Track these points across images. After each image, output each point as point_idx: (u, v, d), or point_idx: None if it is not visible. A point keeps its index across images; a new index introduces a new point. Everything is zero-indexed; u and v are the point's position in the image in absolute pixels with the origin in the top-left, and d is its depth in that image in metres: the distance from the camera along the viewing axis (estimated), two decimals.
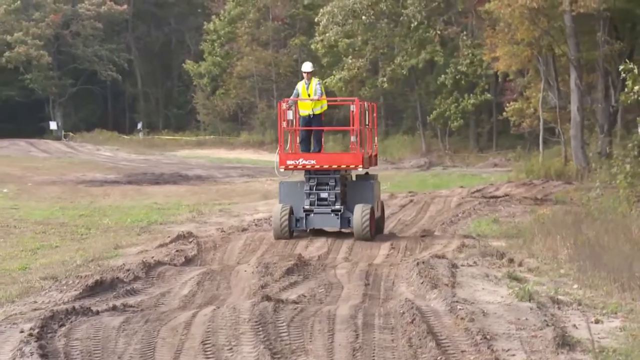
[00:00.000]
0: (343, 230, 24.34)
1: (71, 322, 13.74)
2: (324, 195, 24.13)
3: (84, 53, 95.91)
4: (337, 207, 24.03)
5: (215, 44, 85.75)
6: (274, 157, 24.85)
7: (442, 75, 65.44)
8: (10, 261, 21.96)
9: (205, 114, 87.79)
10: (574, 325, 14.31)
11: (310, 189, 24.17)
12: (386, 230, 28.39)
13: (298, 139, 24.84)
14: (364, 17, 58.60)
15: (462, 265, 19.96)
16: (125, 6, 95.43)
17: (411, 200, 34.05)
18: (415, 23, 59.11)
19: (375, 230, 24.34)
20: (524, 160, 55.56)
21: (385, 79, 64.17)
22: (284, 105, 24.61)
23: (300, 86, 24.79)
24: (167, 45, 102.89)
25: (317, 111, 24.70)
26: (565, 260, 20.46)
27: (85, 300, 16.16)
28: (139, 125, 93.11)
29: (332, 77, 66.72)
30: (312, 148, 24.66)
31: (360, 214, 23.45)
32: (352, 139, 24.57)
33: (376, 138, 26.91)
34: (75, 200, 40.92)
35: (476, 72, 64.26)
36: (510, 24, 46.31)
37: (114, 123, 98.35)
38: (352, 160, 24.25)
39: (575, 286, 18.01)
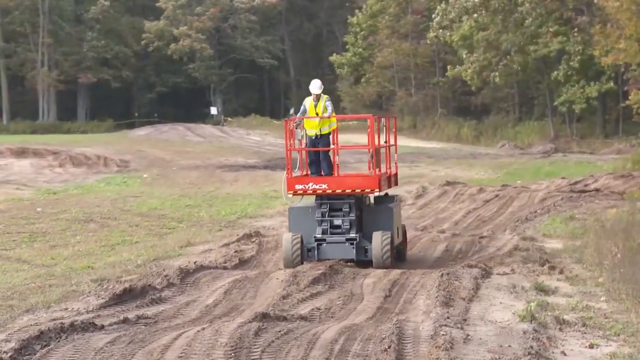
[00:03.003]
0: (359, 260, 20.00)
1: (58, 341, 12.99)
2: (337, 222, 20.06)
3: (242, 44, 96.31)
4: (352, 235, 19.93)
5: (358, 36, 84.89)
6: (409, 142, 21.92)
7: (559, 67, 62.73)
8: (82, 258, 21.52)
9: (348, 101, 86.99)
10: (563, 353, 12.89)
11: (323, 215, 20.12)
12: (462, 225, 27.06)
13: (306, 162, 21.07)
14: (475, 15, 56.59)
15: (497, 274, 18.55)
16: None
17: (497, 195, 32.29)
18: (530, 19, 56.73)
19: (397, 256, 20.61)
20: None
21: (497, 74, 61.72)
22: (291, 124, 20.57)
23: (308, 103, 20.59)
24: (318, 37, 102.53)
25: (325, 131, 20.52)
26: (609, 267, 18.81)
27: (105, 311, 15.52)
28: (291, 111, 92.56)
29: (466, 67, 65.08)
30: (322, 171, 20.61)
31: (379, 242, 19.64)
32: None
33: (396, 155, 22.24)
34: (203, 186, 40.67)
35: (591, 66, 61.44)
36: (618, 19, 43.79)
37: (271, 109, 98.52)
38: (367, 183, 20.10)
39: (603, 298, 16.54)
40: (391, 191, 21.69)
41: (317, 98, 20.43)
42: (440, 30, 58.56)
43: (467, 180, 42.79)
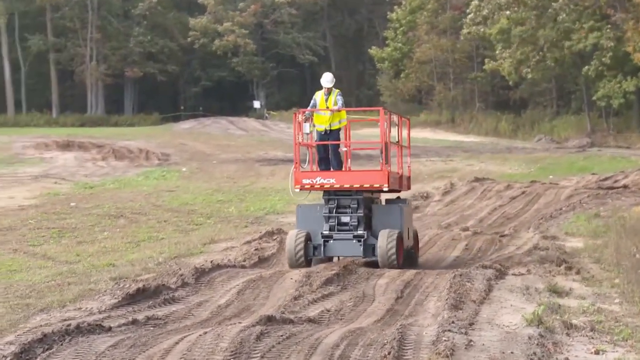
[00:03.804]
0: (367, 259, 19.23)
1: (61, 344, 12.71)
2: (344, 219, 19.13)
3: (284, 40, 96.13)
4: (360, 232, 19.04)
5: (398, 32, 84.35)
6: (447, 136, 21.10)
7: (592, 63, 61.76)
8: (105, 255, 21.33)
9: (388, 95, 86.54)
10: (567, 359, 12.42)
11: (330, 212, 19.23)
12: (487, 222, 26.59)
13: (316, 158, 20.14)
14: (508, 12, 55.82)
15: (513, 274, 18.08)
16: None
17: (523, 192, 31.75)
18: (564, 15, 55.85)
19: (408, 261, 19.73)
20: None
21: (529, 70, 60.88)
22: (300, 117, 19.48)
23: (319, 97, 19.65)
24: (360, 32, 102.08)
25: (335, 126, 19.54)
26: (627, 268, 18.30)
27: (117, 311, 15.23)
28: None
29: (499, 62, 64.39)
30: (332, 168, 19.73)
31: (385, 239, 18.67)
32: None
33: (409, 158, 21.34)
34: (239, 180, 40.49)
35: (627, 61, 60.46)
36: None
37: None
38: (376, 178, 19.07)
39: (617, 300, 16.04)
40: (404, 194, 21.27)
41: (328, 92, 19.56)
42: (474, 27, 57.78)
43: (500, 174, 42.28)
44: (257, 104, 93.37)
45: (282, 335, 12.92)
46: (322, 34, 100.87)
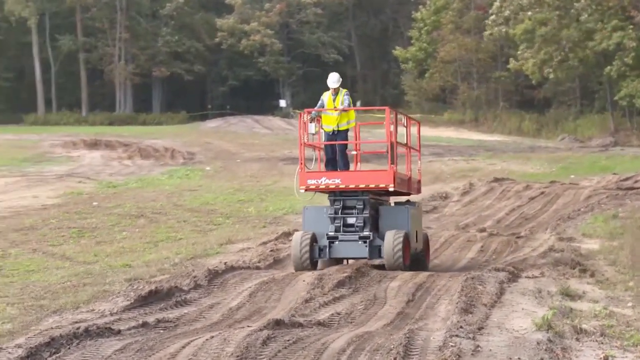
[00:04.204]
0: (373, 261, 18.76)
1: (69, 348, 12.59)
2: (350, 220, 18.66)
3: (309, 39, 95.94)
4: (366, 233, 18.56)
5: (422, 31, 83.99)
6: (471, 135, 20.52)
7: (614, 63, 61.17)
8: (123, 256, 21.24)
9: (412, 95, 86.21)
10: None
11: (335, 212, 18.77)
12: (505, 223, 26.31)
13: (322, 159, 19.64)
14: (529, 13, 55.39)
15: (526, 277, 17.82)
16: None
17: (542, 192, 31.42)
18: (586, 15, 55.35)
19: (417, 265, 19.16)
20: None
21: (551, 70, 60.39)
22: (306, 117, 19.05)
23: (327, 97, 19.22)
24: (385, 32, 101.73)
25: (343, 127, 19.05)
26: None
27: (129, 313, 15.11)
28: (358, 104, 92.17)
29: (521, 62, 63.95)
30: (339, 169, 19.21)
31: (391, 240, 18.16)
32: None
33: (420, 162, 20.85)
34: (262, 179, 40.35)
35: None
36: None
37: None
38: (382, 178, 18.53)
39: (630, 304, 15.79)
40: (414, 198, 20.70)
41: (336, 92, 19.13)
42: (496, 28, 57.40)
43: (522, 174, 41.96)
44: (282, 103, 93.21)
45: (288, 340, 12.75)
46: (347, 33, 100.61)
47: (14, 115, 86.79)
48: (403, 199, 20.20)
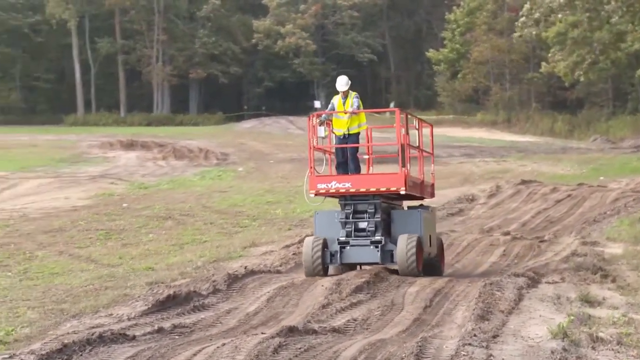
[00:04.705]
0: (385, 265, 18.26)
1: (81, 354, 12.42)
2: (362, 224, 18.09)
3: (344, 41, 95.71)
4: (377, 238, 17.96)
5: (455, 33, 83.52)
6: (503, 136, 19.81)
7: None
8: (147, 259, 21.12)
9: (445, 96, 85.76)
10: None
11: (346, 217, 18.22)
12: (530, 226, 25.92)
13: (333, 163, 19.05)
14: (559, 15, 54.77)
15: (546, 282, 17.47)
16: None
17: (569, 195, 30.93)
18: (616, 17, 54.65)
19: (431, 271, 18.66)
20: None
21: (582, 73, 59.72)
22: (315, 120, 18.67)
23: (337, 100, 18.91)
24: (418, 33, 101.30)
25: (353, 130, 18.65)
26: None
27: (147, 318, 14.93)
28: (391, 105, 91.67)
29: (554, 64, 63.37)
30: (349, 173, 18.71)
31: (404, 244, 17.57)
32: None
33: (433, 165, 20.42)
34: (293, 180, 40.10)
35: None
36: None
37: (372, 103, 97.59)
38: (393, 181, 17.96)
39: None
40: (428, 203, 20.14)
41: (345, 95, 18.80)
42: (526, 30, 56.88)
43: (552, 175, 41.49)
44: (317, 104, 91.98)
45: (300, 348, 12.51)
46: (381, 34, 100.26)
47: (54, 116, 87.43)
48: (416, 203, 19.72)
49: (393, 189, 17.92)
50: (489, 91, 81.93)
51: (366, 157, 19.55)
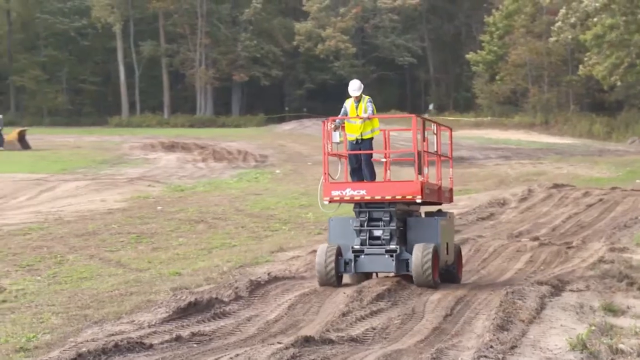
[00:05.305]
0: (400, 274, 17.59)
1: None
2: (377, 233, 17.42)
3: (384, 43, 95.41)
4: (392, 247, 17.26)
5: (494, 35, 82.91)
6: (541, 138, 18.96)
7: None
8: (175, 263, 20.91)
9: (483, 98, 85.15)
10: None
11: (361, 225, 17.55)
12: (560, 231, 25.44)
13: (348, 169, 18.41)
14: (595, 19, 54.00)
15: (570, 290, 17.03)
16: (417, 0, 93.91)
17: (601, 199, 30.34)
18: None
19: (449, 278, 18.05)
20: None
21: (619, 76, 58.85)
22: (329, 125, 17.85)
23: (349, 104, 18.19)
24: (457, 36, 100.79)
25: (367, 135, 17.97)
26: None
27: (167, 325, 14.68)
28: (430, 107, 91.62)
29: (590, 67, 62.57)
30: (364, 179, 18.17)
31: (420, 255, 16.84)
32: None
33: (451, 170, 19.50)
34: None
35: None
36: None
37: (411, 105, 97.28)
38: (409, 189, 17.21)
39: None
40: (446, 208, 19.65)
41: (358, 100, 18.04)
42: (562, 35, 56.18)
43: (587, 178, 40.92)
44: None
45: (314, 359, 12.24)
46: (420, 37, 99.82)
47: (99, 118, 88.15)
48: (434, 208, 19.09)
49: (409, 197, 17.26)
50: (527, 93, 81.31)
51: (383, 160, 19.03)
